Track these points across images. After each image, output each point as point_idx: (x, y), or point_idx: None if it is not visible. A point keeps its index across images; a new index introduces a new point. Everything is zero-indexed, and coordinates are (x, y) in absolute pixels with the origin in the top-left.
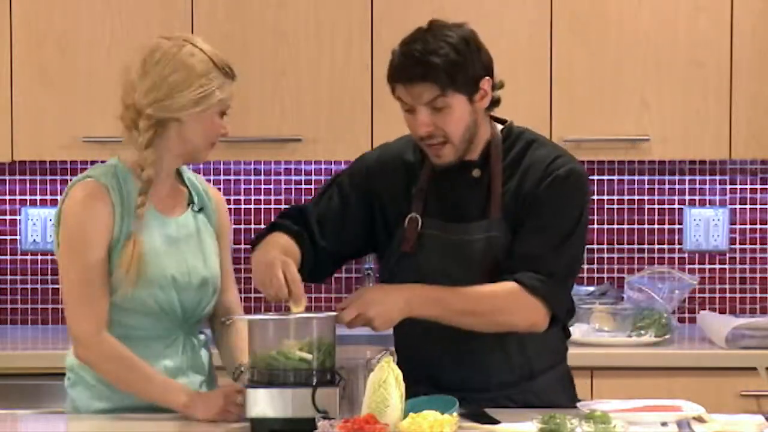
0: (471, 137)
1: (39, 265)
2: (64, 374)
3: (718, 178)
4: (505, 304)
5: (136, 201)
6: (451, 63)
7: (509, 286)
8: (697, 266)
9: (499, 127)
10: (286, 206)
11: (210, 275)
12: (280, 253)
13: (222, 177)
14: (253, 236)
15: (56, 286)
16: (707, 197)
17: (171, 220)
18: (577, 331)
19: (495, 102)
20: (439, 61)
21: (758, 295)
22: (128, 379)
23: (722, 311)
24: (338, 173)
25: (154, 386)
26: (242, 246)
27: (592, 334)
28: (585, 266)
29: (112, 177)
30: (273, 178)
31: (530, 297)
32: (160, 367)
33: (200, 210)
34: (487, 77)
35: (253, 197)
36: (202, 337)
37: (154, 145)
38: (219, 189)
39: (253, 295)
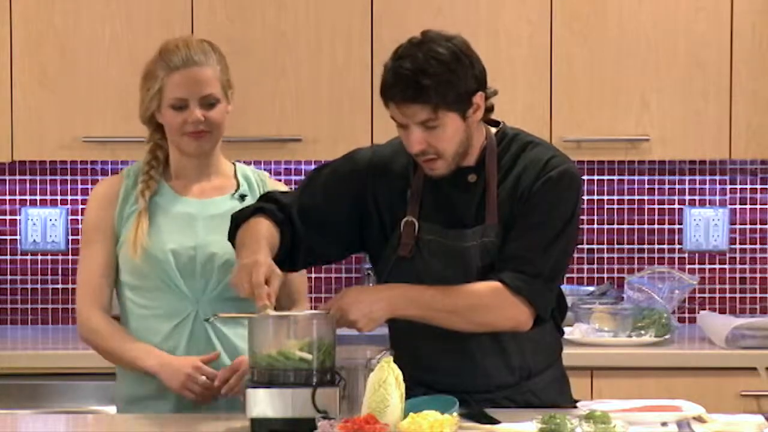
0: (464, 150)
1: (39, 265)
2: (64, 374)
3: (718, 178)
4: (487, 302)
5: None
6: (441, 83)
7: (492, 285)
8: (697, 266)
9: (493, 130)
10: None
11: (223, 252)
12: (264, 255)
13: None
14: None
15: (56, 286)
16: (707, 197)
17: (196, 202)
18: (577, 331)
19: (488, 109)
20: (429, 82)
21: (758, 295)
22: (110, 347)
23: (722, 311)
24: (319, 167)
25: (130, 349)
26: None
27: (592, 334)
28: (585, 266)
29: (137, 168)
30: (273, 178)
31: (513, 296)
32: (165, 349)
33: (243, 197)
34: (480, 92)
35: None
36: (234, 329)
37: (155, 145)
38: None
39: None
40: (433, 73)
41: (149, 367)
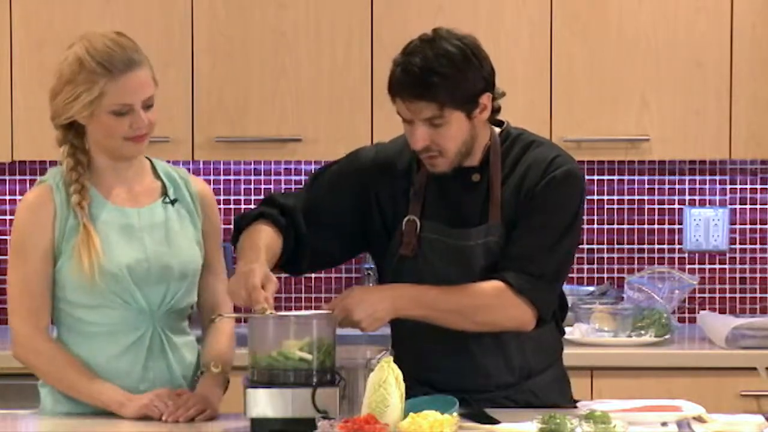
0: (468, 149)
1: None
2: None
3: (718, 178)
4: (491, 302)
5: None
6: (450, 82)
7: (496, 285)
8: (697, 266)
9: (497, 130)
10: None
11: (177, 262)
12: (260, 263)
13: (222, 177)
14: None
15: None
16: (707, 197)
17: (132, 211)
18: (577, 331)
19: (494, 110)
20: (437, 80)
21: (758, 295)
22: (62, 378)
23: (722, 311)
24: (323, 168)
25: (88, 384)
26: None
27: (592, 334)
28: (585, 266)
29: (61, 176)
30: (273, 178)
31: (516, 297)
32: (120, 364)
33: (174, 201)
34: (488, 93)
35: (253, 197)
36: (183, 339)
37: (74, 148)
38: (219, 189)
39: None
40: (441, 71)
41: (113, 401)
